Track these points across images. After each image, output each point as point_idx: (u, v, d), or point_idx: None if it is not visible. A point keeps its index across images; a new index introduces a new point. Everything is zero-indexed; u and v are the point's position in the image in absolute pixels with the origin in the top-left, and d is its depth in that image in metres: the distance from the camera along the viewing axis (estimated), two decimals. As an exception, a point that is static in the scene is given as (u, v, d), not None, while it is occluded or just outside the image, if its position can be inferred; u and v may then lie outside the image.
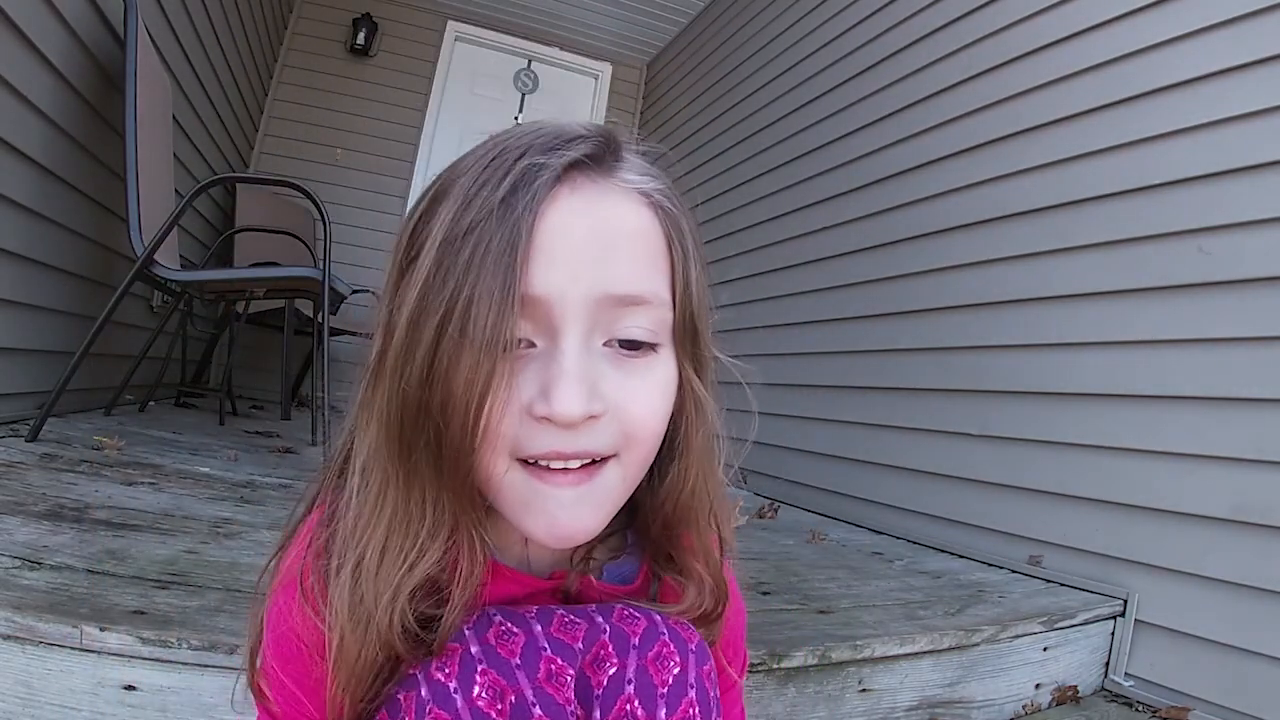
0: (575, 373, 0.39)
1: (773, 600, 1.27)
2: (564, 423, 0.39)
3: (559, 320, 0.40)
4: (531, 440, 0.40)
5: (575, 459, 0.41)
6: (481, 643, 0.42)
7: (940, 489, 2.03)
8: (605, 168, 0.43)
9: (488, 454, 0.40)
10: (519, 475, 0.41)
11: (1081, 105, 1.81)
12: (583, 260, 0.40)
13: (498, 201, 0.39)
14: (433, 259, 0.39)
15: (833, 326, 2.61)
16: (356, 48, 4.39)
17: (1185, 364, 1.51)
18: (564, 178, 0.41)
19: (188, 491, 1.42)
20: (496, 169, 0.40)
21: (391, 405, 0.41)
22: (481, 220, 0.39)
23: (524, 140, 0.41)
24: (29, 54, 1.63)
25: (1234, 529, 1.36)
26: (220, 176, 2.68)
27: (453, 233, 0.39)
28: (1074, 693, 1.38)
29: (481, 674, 0.41)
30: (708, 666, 0.47)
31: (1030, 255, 1.90)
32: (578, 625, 0.45)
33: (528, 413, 0.40)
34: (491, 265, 0.38)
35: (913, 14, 2.47)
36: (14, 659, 0.72)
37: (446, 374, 0.38)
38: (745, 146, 3.44)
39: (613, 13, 4.54)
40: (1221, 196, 1.49)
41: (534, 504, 0.42)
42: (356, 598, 0.42)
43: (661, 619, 0.47)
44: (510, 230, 0.38)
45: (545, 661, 0.42)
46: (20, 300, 1.78)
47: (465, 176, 0.41)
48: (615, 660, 0.44)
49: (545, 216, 0.39)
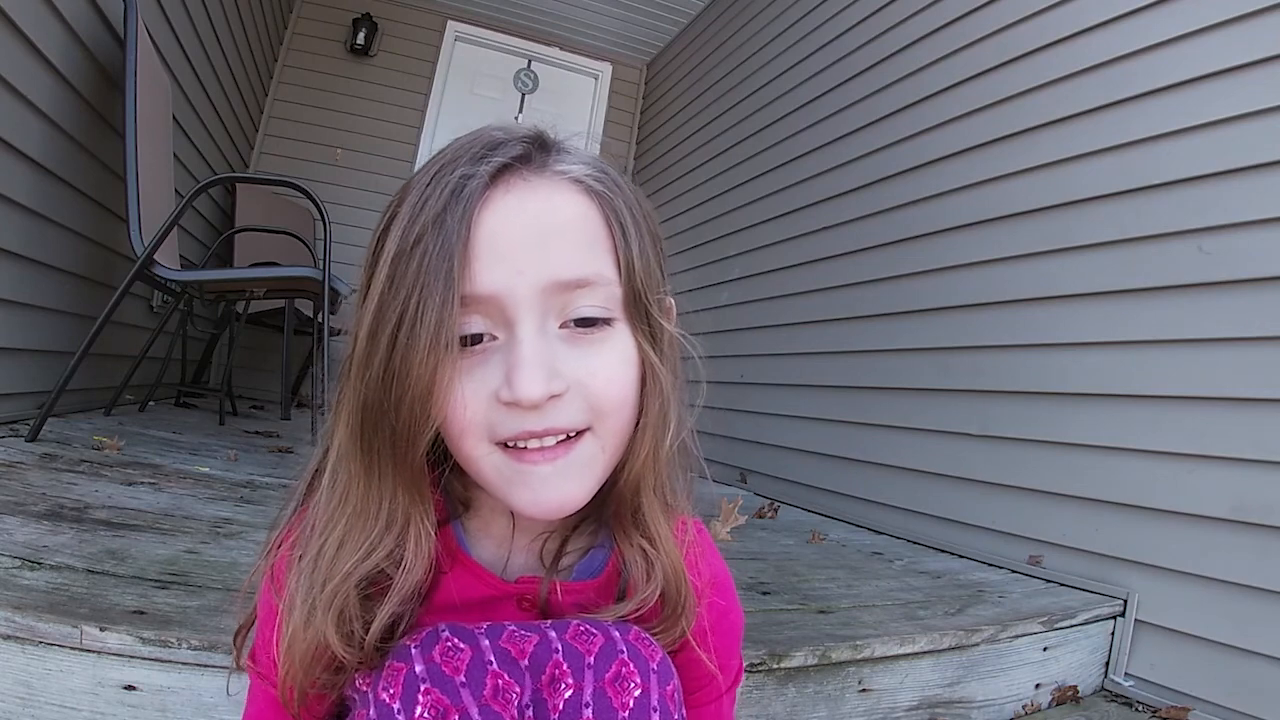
0: (532, 358, 0.42)
1: (773, 600, 1.27)
2: (527, 405, 0.42)
3: (512, 312, 0.43)
4: (504, 424, 0.43)
5: (548, 435, 0.44)
6: (426, 661, 0.43)
7: (940, 489, 2.03)
8: (536, 165, 0.45)
9: (467, 442, 0.44)
10: (499, 458, 0.44)
11: (1081, 105, 1.81)
12: (525, 254, 0.43)
13: (434, 215, 0.42)
14: (385, 274, 0.42)
15: (833, 326, 2.61)
16: (356, 48, 4.39)
17: (1185, 364, 1.51)
18: (496, 181, 0.44)
19: (188, 491, 1.42)
20: (435, 184, 0.43)
21: (354, 407, 0.44)
22: (425, 234, 0.42)
23: (460, 152, 0.45)
24: (29, 54, 1.63)
25: (1234, 529, 1.36)
26: (220, 176, 2.68)
27: (401, 248, 0.42)
28: (1074, 693, 1.38)
29: (424, 693, 0.42)
30: (671, 686, 0.47)
31: (1030, 255, 1.90)
32: (528, 639, 0.45)
33: (496, 399, 0.43)
34: (433, 273, 0.41)
35: (913, 14, 2.47)
36: (14, 659, 0.72)
37: (398, 374, 0.41)
38: (745, 146, 3.44)
39: (613, 13, 4.54)
40: (1221, 196, 1.49)
41: (516, 481, 0.44)
42: (309, 584, 0.44)
43: (620, 635, 0.47)
44: (447, 239, 0.41)
45: (491, 677, 0.43)
46: (20, 300, 1.78)
47: (412, 193, 0.44)
48: (571, 681, 0.44)
49: (480, 221, 0.43)
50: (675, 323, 0.52)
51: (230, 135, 3.54)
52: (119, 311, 1.83)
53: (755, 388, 3.01)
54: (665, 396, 0.48)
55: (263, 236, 3.31)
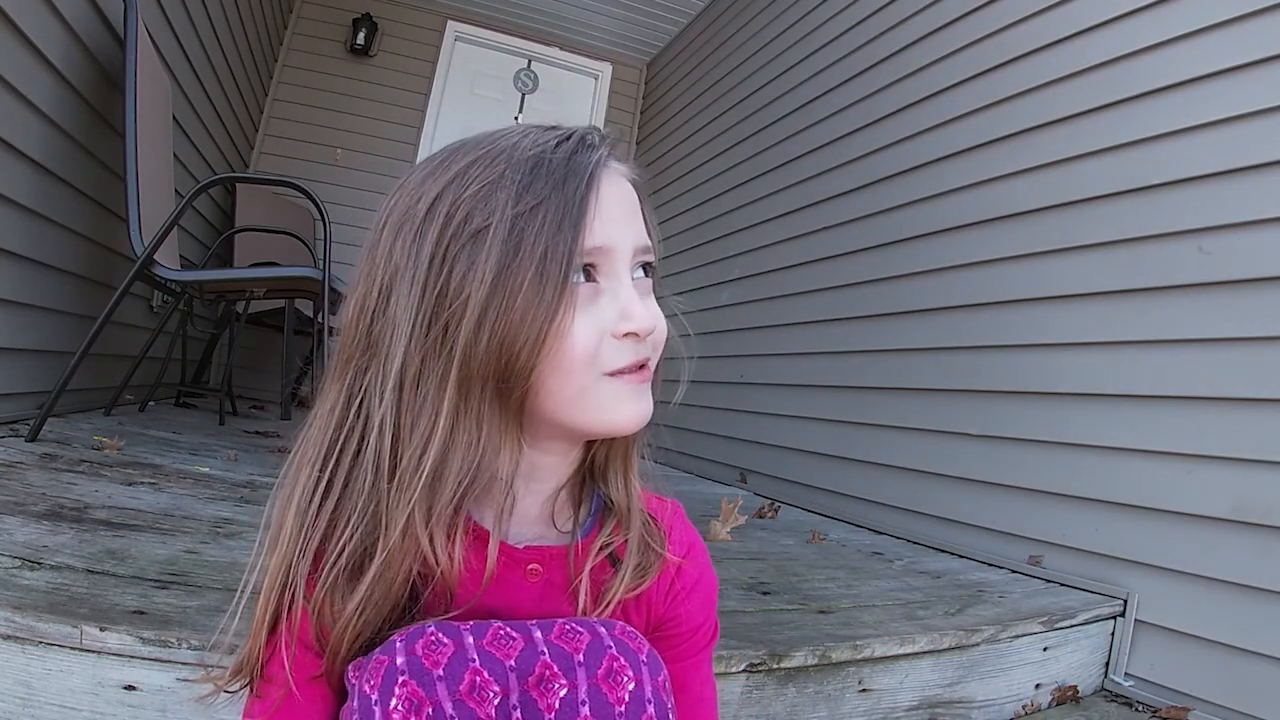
0: (638, 295, 0.52)
1: (773, 600, 1.27)
2: (645, 333, 0.51)
3: (619, 263, 0.51)
4: (616, 356, 0.51)
5: (643, 363, 0.52)
6: (408, 654, 0.46)
7: (940, 489, 2.03)
8: (614, 157, 0.55)
9: (580, 373, 0.50)
10: (607, 385, 0.51)
11: (1081, 105, 1.81)
12: (625, 219, 0.53)
13: (556, 183, 0.49)
14: (505, 231, 0.48)
15: (833, 326, 2.61)
16: (356, 48, 4.39)
17: (1185, 364, 1.50)
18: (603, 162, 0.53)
19: (188, 491, 1.42)
20: (540, 162, 0.50)
21: (475, 351, 0.48)
22: (547, 198, 0.48)
23: (548, 136, 0.52)
24: (29, 54, 1.63)
25: (1234, 529, 1.36)
26: (220, 176, 2.68)
27: (521, 208, 0.48)
28: (1074, 693, 1.38)
29: (401, 685, 0.44)
30: (661, 676, 0.49)
31: (1030, 255, 1.90)
32: (514, 641, 0.48)
33: (611, 335, 0.50)
34: (561, 226, 0.48)
35: (913, 14, 2.47)
36: (14, 659, 0.72)
37: (525, 313, 0.47)
38: (745, 146, 3.44)
39: (613, 13, 4.54)
40: (1221, 196, 1.49)
41: (622, 399, 0.51)
42: (410, 520, 0.48)
43: (606, 631, 0.49)
44: (569, 201, 0.49)
45: (470, 673, 0.45)
46: (20, 300, 1.78)
47: (509, 173, 0.49)
48: (564, 680, 0.46)
49: (600, 190, 0.51)
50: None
51: (230, 135, 3.54)
52: (119, 311, 1.83)
53: (755, 388, 3.01)
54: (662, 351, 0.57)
55: (263, 236, 3.31)
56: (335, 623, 0.49)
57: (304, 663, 0.50)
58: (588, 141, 0.53)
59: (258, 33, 3.67)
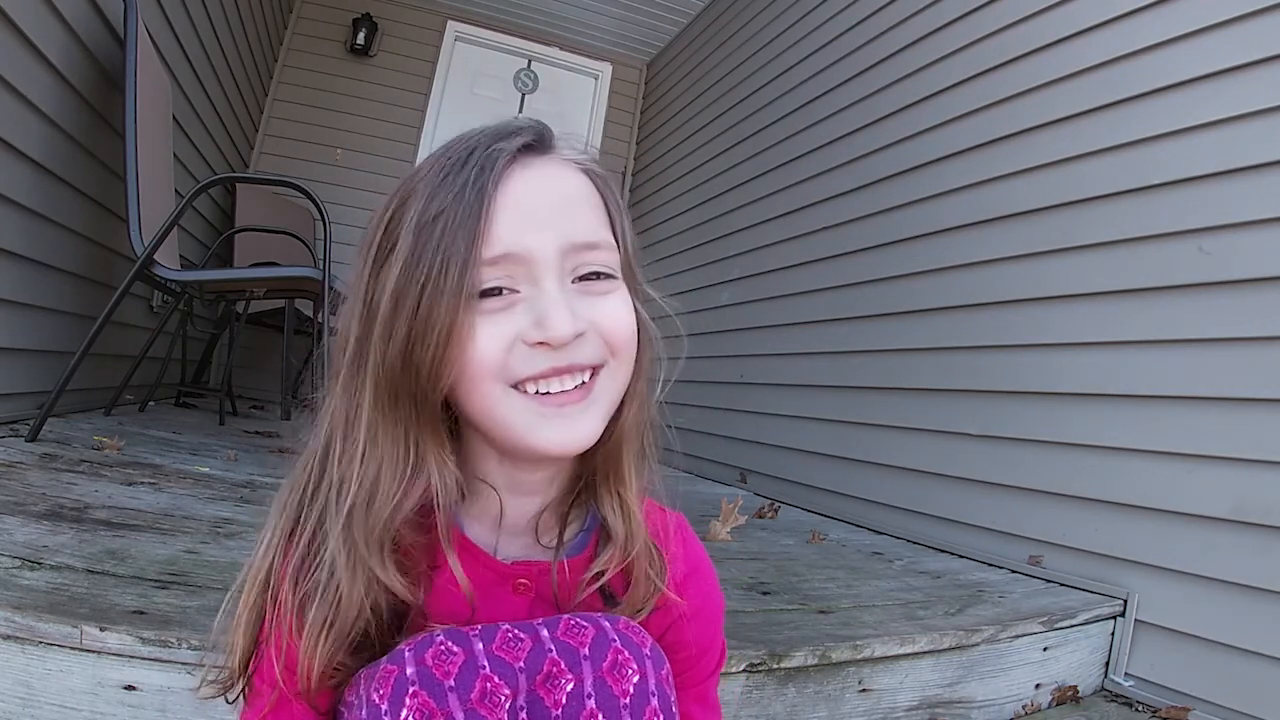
0: (561, 302, 0.48)
1: (773, 600, 1.27)
2: (558, 342, 0.47)
3: (538, 269, 0.48)
4: (525, 364, 0.48)
5: (568, 374, 0.49)
6: (418, 664, 0.45)
7: (940, 489, 2.03)
8: (545, 148, 0.52)
9: (484, 385, 0.48)
10: (519, 401, 0.48)
11: (1081, 105, 1.81)
12: (546, 219, 0.49)
13: (459, 187, 0.47)
14: (409, 243, 0.47)
15: (833, 326, 2.61)
16: (356, 48, 4.39)
17: (1185, 364, 1.50)
18: (517, 158, 0.49)
19: (188, 491, 1.42)
20: (456, 162, 0.48)
21: (380, 366, 0.48)
22: (448, 204, 0.47)
23: (473, 140, 0.50)
24: (29, 54, 1.63)
25: (1234, 529, 1.36)
26: (220, 176, 2.68)
27: (424, 219, 0.47)
28: (1074, 693, 1.38)
29: (412, 696, 0.44)
30: (665, 670, 0.50)
31: (1030, 255, 1.90)
32: (522, 642, 0.48)
33: (523, 342, 0.48)
34: (456, 235, 0.46)
35: (913, 14, 2.47)
36: (14, 659, 0.72)
37: (425, 326, 0.46)
38: (745, 146, 3.44)
39: (613, 13, 4.54)
40: (1221, 196, 1.49)
41: (540, 421, 0.49)
42: (349, 540, 0.47)
43: (610, 625, 0.50)
44: (470, 206, 0.47)
45: (481, 680, 0.45)
46: (20, 300, 1.78)
47: (428, 176, 0.49)
48: (570, 675, 0.46)
49: (506, 190, 0.48)
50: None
51: (230, 135, 3.54)
52: (119, 311, 1.83)
53: (755, 388, 3.01)
54: (652, 351, 0.54)
55: (263, 236, 3.31)
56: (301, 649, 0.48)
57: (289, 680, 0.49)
58: (500, 136, 0.50)
59: (258, 33, 3.67)
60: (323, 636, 0.47)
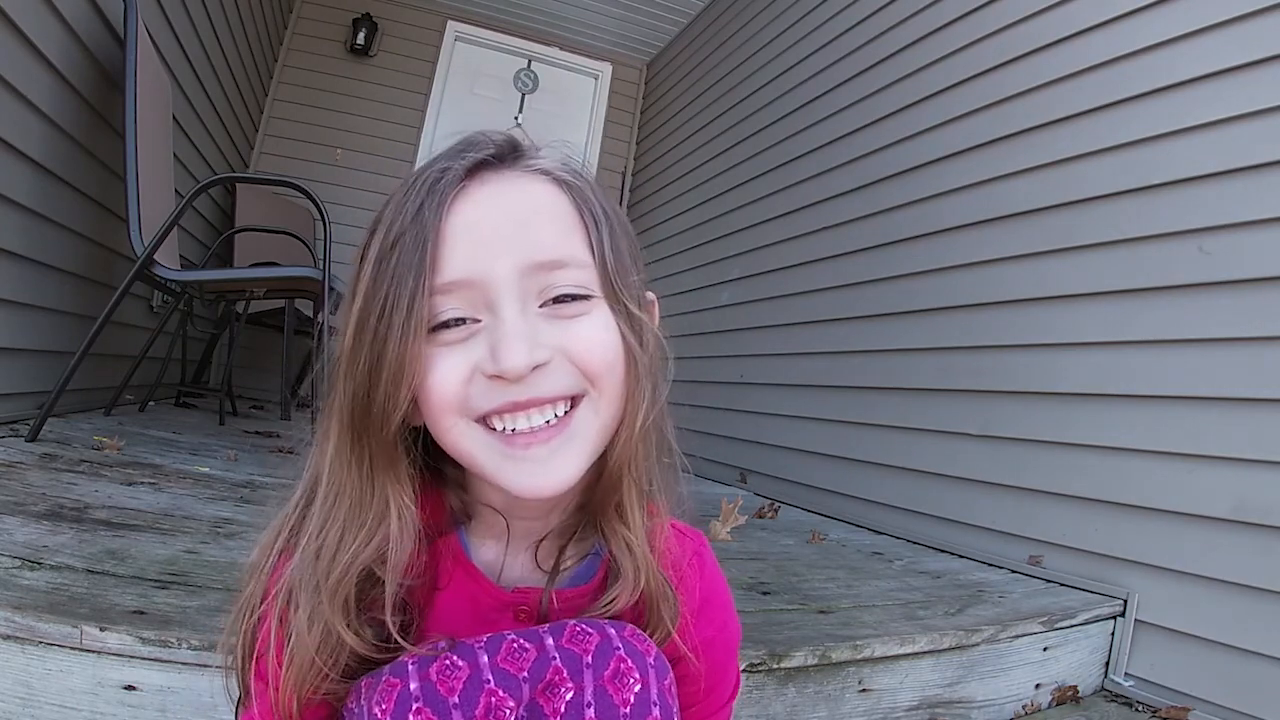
0: (514, 331, 0.44)
1: (773, 600, 1.27)
2: (513, 376, 0.44)
3: (493, 295, 0.45)
4: (485, 398, 0.45)
5: (534, 409, 0.46)
6: (422, 679, 0.44)
7: (940, 489, 2.03)
8: (509, 161, 0.49)
9: (445, 418, 0.46)
10: (483, 437, 0.46)
11: (1081, 105, 1.81)
12: (502, 240, 0.46)
13: (413, 212, 0.45)
14: (368, 276, 0.45)
15: (833, 326, 2.61)
16: (356, 48, 4.39)
17: (1185, 364, 1.50)
18: (471, 175, 0.47)
19: (188, 491, 1.42)
20: (412, 188, 0.46)
21: (345, 399, 0.46)
22: (403, 232, 0.45)
23: (434, 159, 0.48)
24: (29, 54, 1.63)
25: (1234, 529, 1.36)
26: (220, 176, 2.68)
27: (383, 248, 0.45)
28: (1074, 693, 1.38)
29: (415, 713, 0.43)
30: (668, 680, 0.48)
31: (1030, 255, 1.90)
32: (526, 652, 0.46)
33: (481, 374, 0.45)
34: (407, 264, 0.44)
35: (913, 14, 2.47)
36: (14, 659, 0.72)
37: (379, 360, 0.44)
38: (745, 146, 3.44)
39: (613, 13, 4.54)
40: (1221, 196, 1.49)
41: (507, 463, 0.46)
42: (313, 580, 0.46)
43: (616, 632, 0.48)
44: (422, 230, 0.44)
45: (486, 695, 0.44)
46: (20, 300, 1.78)
47: (391, 203, 0.47)
48: (570, 684, 0.45)
49: (455, 211, 0.45)
50: (658, 319, 0.54)
51: (230, 135, 3.54)
52: (119, 311, 1.83)
53: (755, 388, 3.01)
54: (645, 378, 0.49)
55: (263, 236, 3.31)
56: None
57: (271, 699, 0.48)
58: (454, 153, 0.47)
59: (258, 33, 3.66)
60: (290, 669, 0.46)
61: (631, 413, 0.48)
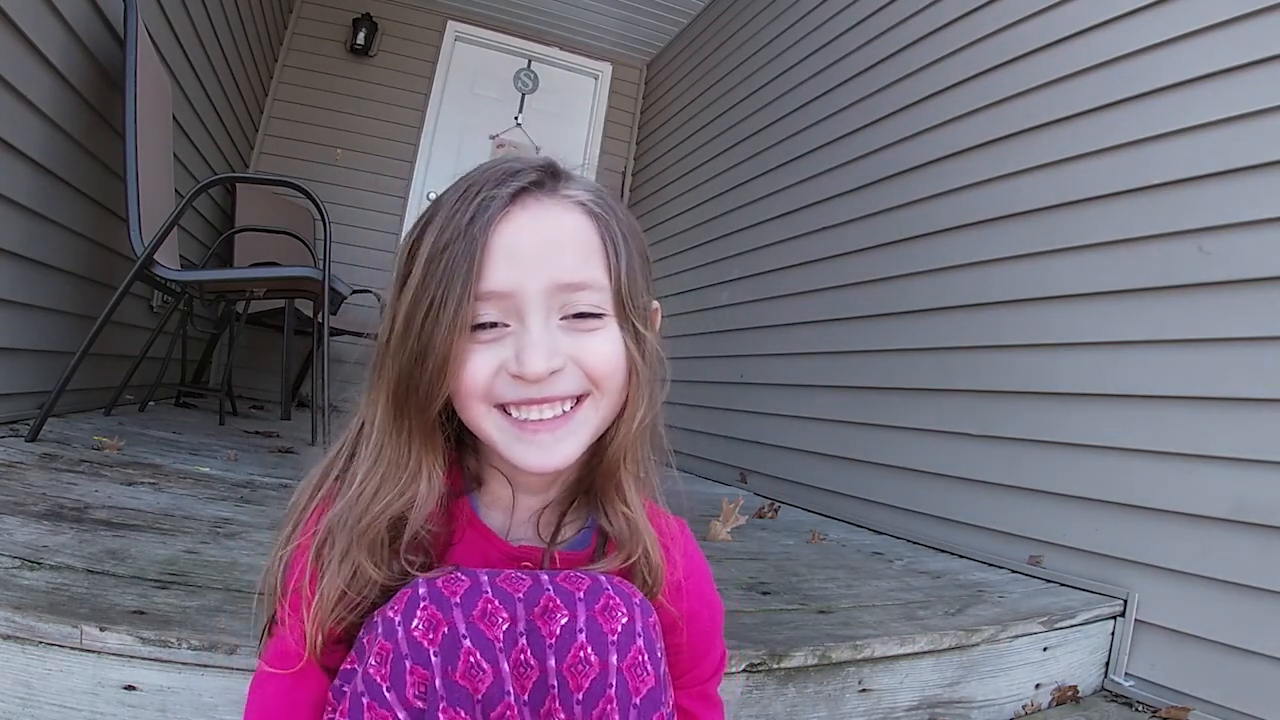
0: (537, 341, 0.53)
1: (773, 600, 1.27)
2: (533, 378, 0.52)
3: (523, 306, 0.53)
4: (506, 391, 0.54)
5: (545, 404, 0.54)
6: (429, 585, 0.52)
7: (940, 489, 2.03)
8: (548, 189, 0.56)
9: (472, 403, 0.55)
10: (502, 421, 0.55)
11: (1080, 105, 1.81)
12: (535, 261, 0.53)
13: (463, 225, 0.52)
14: (420, 272, 0.53)
15: (833, 326, 2.61)
16: (356, 48, 4.39)
17: (1185, 364, 1.50)
18: (514, 201, 0.54)
19: (188, 491, 1.42)
20: (463, 202, 0.53)
21: (392, 378, 0.55)
22: (453, 241, 0.52)
23: (484, 177, 0.55)
24: (29, 54, 1.63)
25: (1234, 529, 1.36)
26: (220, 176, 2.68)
27: (434, 251, 0.53)
28: (1074, 693, 1.38)
29: (422, 609, 0.50)
30: (652, 619, 0.54)
31: (1030, 255, 1.90)
32: (523, 581, 0.53)
33: (506, 371, 0.53)
34: (456, 272, 0.52)
35: (912, 14, 2.47)
36: (14, 659, 0.72)
37: (425, 350, 0.52)
38: (745, 146, 3.44)
39: (613, 13, 4.54)
40: (1221, 196, 1.49)
41: (519, 443, 0.55)
42: (349, 522, 0.54)
43: (605, 577, 0.55)
44: (470, 245, 0.52)
45: (483, 601, 0.51)
46: (20, 300, 1.78)
47: (443, 210, 0.54)
48: (565, 611, 0.52)
49: (499, 233, 0.53)
50: (660, 324, 0.62)
51: (230, 135, 3.54)
52: (119, 311, 1.83)
53: (755, 388, 3.01)
54: (645, 385, 0.58)
55: (263, 236, 3.31)
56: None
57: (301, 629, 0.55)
58: (503, 177, 0.54)
59: (258, 33, 3.66)
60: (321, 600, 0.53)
61: (631, 412, 0.57)
